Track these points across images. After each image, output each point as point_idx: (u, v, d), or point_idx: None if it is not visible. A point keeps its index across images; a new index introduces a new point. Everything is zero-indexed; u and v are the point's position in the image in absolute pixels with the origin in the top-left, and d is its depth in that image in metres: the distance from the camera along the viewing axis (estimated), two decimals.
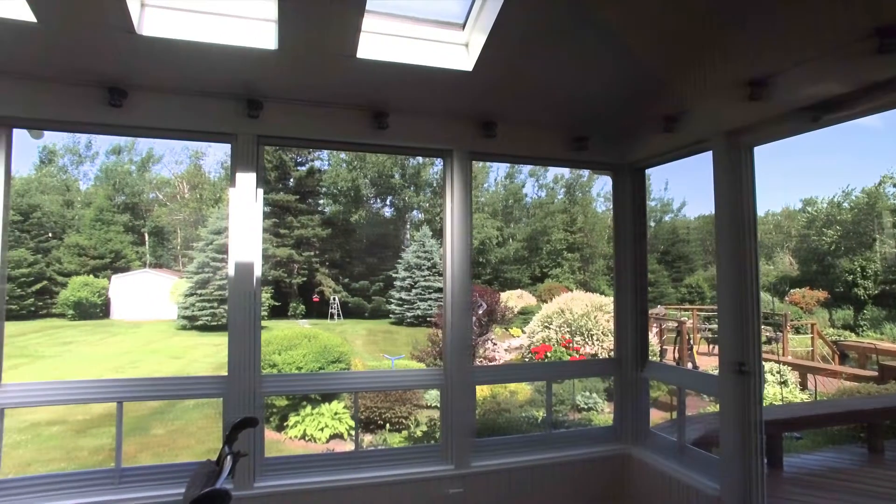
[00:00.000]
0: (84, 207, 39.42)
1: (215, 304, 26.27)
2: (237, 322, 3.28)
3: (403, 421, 9.03)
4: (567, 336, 13.51)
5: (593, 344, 13.35)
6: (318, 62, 3.12)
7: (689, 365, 12.82)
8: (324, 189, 37.14)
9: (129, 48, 2.85)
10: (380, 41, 3.14)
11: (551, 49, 3.18)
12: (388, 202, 40.48)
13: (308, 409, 8.96)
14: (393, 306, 30.05)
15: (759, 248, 3.25)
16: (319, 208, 36.82)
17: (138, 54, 2.92)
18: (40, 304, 30.36)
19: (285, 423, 9.11)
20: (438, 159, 3.97)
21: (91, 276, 31.28)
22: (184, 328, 26.13)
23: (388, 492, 3.57)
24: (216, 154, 44.70)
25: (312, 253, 33.83)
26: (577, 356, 12.71)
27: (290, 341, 9.68)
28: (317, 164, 36.92)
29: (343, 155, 35.74)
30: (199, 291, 26.75)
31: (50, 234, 34.37)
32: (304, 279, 32.96)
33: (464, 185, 3.83)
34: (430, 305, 28.92)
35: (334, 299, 31.04)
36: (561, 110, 3.92)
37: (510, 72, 3.36)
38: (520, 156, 4.19)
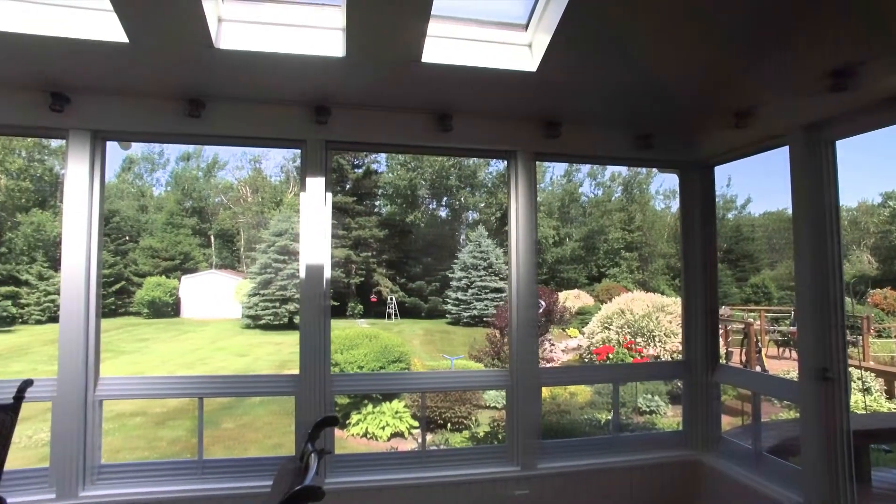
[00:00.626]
0: (156, 212, 41.68)
1: (277, 304, 27.21)
2: (308, 323, 3.39)
3: (463, 421, 9.06)
4: (629, 337, 13.22)
5: (655, 345, 13.00)
6: (384, 68, 3.18)
7: (758, 368, 12.28)
8: (380, 191, 37.77)
9: (207, 61, 3.00)
10: (444, 45, 3.17)
11: (617, 46, 3.12)
12: (443, 203, 40.74)
13: (369, 407, 9.12)
14: (449, 306, 30.22)
15: (843, 248, 3.08)
16: (376, 209, 37.48)
17: (215, 67, 3.06)
18: (119, 302, 32.36)
19: (347, 421, 9.30)
20: (495, 160, 3.97)
21: (163, 276, 33.10)
22: (248, 327, 27.17)
23: (454, 491, 3.60)
24: (275, 158, 46.32)
25: (370, 253, 34.42)
26: (640, 358, 12.41)
27: (351, 341, 9.89)
28: (373, 166, 37.56)
29: (400, 157, 36.25)
30: (261, 292, 27.75)
31: (127, 238, 36.43)
32: (362, 279, 33.58)
33: (528, 186, 3.82)
34: (486, 305, 28.91)
35: (391, 299, 31.49)
36: (626, 108, 3.84)
37: (574, 71, 3.32)
38: (584, 155, 4.15)
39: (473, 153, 4.10)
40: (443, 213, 40.89)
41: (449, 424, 8.93)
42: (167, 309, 31.14)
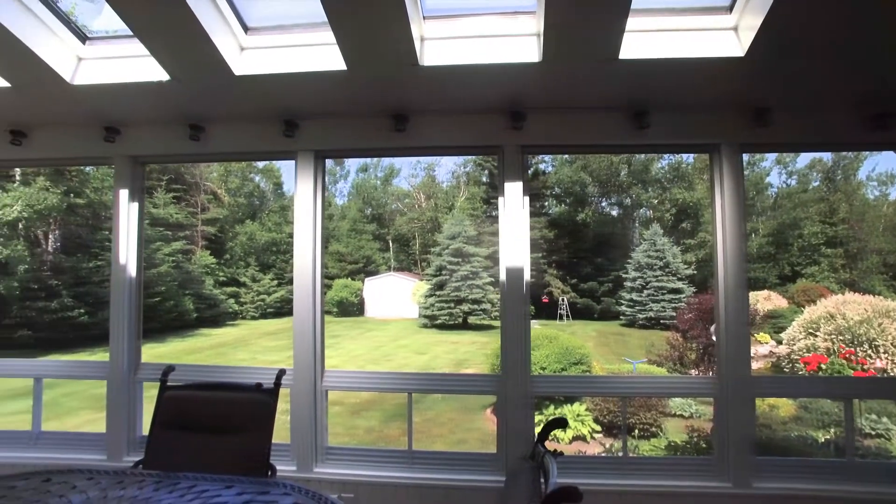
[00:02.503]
0: (340, 220, 45.87)
1: (452, 305, 28.37)
2: (510, 324, 3.47)
3: (650, 428, 8.63)
4: (844, 346, 11.52)
5: (880, 357, 11.18)
6: (580, 69, 3.15)
7: None
8: (549, 191, 37.56)
9: (412, 78, 3.23)
10: (641, 39, 3.06)
11: (848, 15, 2.74)
12: (613, 200, 39.34)
13: (551, 408, 9.09)
14: (623, 307, 29.17)
15: None
16: (545, 210, 37.34)
17: (419, 83, 3.29)
18: None
19: None
20: (667, 154, 3.69)
21: (349, 278, 36.44)
22: (424, 326, 28.68)
23: (660, 503, 3.44)
24: (447, 164, 48.38)
25: (540, 254, 34.37)
26: (863, 371, 10.76)
27: (531, 341, 9.93)
28: (541, 166, 37.49)
29: (566, 155, 35.72)
30: (437, 293, 29.11)
31: None
32: (533, 280, 33.65)
33: (735, 181, 3.52)
34: (663, 307, 27.50)
35: (563, 300, 31.14)
36: (857, 83, 3.35)
37: (791, 51, 2.97)
38: (800, 143, 3.71)
39: (671, 149, 3.88)
40: (613, 211, 39.46)
41: (636, 431, 8.58)
42: (353, 308, 34.16)
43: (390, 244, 44.40)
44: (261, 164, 43.99)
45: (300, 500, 1.97)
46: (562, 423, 2.09)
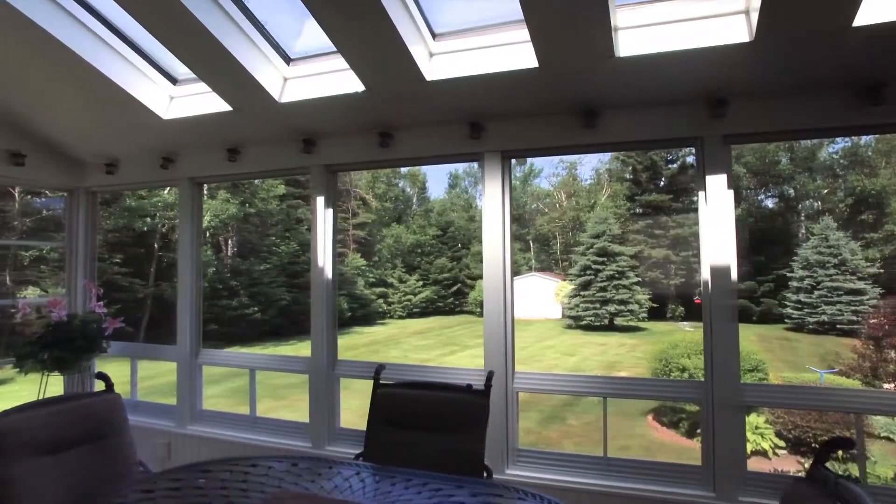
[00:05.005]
0: (481, 220, 46.49)
1: (597, 305, 27.54)
2: (718, 327, 3.17)
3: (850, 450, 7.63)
4: None
5: None
6: (800, 44, 2.79)
7: None
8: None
9: (605, 72, 3.09)
10: None
11: None
12: (773, 192, 35.67)
13: None
14: (788, 310, 26.33)
15: None
16: (694, 206, 34.82)
17: (612, 76, 3.14)
18: (457, 302, 37.44)
19: (697, 430, 8.75)
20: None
21: None
22: (569, 327, 28.13)
23: None
24: (590, 162, 46.93)
25: (690, 252, 32.16)
26: None
27: (697, 345, 9.27)
28: (689, 159, 35.06)
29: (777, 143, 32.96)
30: (581, 293, 28.39)
31: (460, 245, 41.62)
32: (682, 280, 31.57)
33: None
34: (840, 310, 24.43)
35: None
36: None
37: None
38: None
39: None
40: (772, 203, 35.76)
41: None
42: None
43: (531, 244, 44.09)
44: (404, 170, 45.91)
45: None
46: (847, 443, 1.82)
